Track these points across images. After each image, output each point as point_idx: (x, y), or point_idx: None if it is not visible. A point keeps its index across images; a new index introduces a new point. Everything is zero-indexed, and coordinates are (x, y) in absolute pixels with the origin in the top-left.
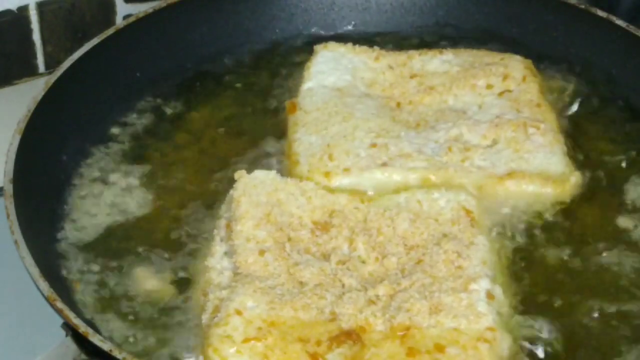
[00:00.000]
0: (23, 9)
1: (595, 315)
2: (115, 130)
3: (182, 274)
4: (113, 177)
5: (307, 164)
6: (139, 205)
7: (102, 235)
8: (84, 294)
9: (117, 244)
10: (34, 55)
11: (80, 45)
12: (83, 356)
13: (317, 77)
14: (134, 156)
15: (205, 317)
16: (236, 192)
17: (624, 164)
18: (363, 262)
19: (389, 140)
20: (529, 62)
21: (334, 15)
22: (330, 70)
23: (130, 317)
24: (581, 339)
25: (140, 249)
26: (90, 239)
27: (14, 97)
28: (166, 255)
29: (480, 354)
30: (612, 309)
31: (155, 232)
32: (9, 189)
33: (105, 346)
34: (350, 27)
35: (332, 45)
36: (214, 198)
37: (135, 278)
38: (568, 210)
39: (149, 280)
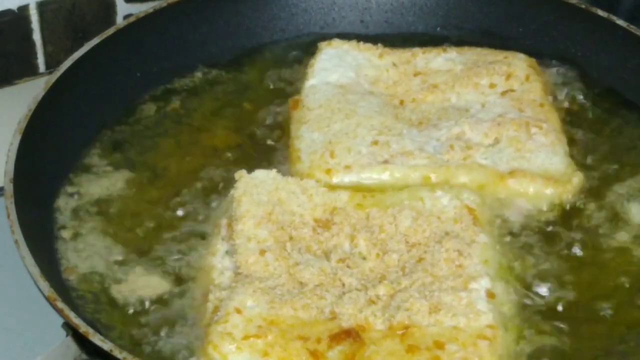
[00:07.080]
0: (23, 9)
1: (599, 311)
2: (115, 128)
3: (182, 273)
4: (113, 175)
5: (308, 161)
6: (138, 202)
7: (102, 233)
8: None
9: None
10: (34, 55)
11: (81, 45)
12: (83, 356)
13: (321, 74)
14: (134, 154)
15: (205, 316)
16: (237, 191)
17: (625, 163)
18: (364, 258)
19: (390, 137)
20: (532, 60)
21: (334, 15)
22: (334, 67)
23: (130, 313)
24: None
25: (138, 246)
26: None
27: (14, 97)
28: (166, 253)
29: (479, 351)
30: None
31: (153, 229)
32: (9, 188)
33: (106, 346)
34: (350, 27)
35: (336, 42)
36: (214, 196)
37: (134, 275)
38: (569, 209)
39: (147, 278)
